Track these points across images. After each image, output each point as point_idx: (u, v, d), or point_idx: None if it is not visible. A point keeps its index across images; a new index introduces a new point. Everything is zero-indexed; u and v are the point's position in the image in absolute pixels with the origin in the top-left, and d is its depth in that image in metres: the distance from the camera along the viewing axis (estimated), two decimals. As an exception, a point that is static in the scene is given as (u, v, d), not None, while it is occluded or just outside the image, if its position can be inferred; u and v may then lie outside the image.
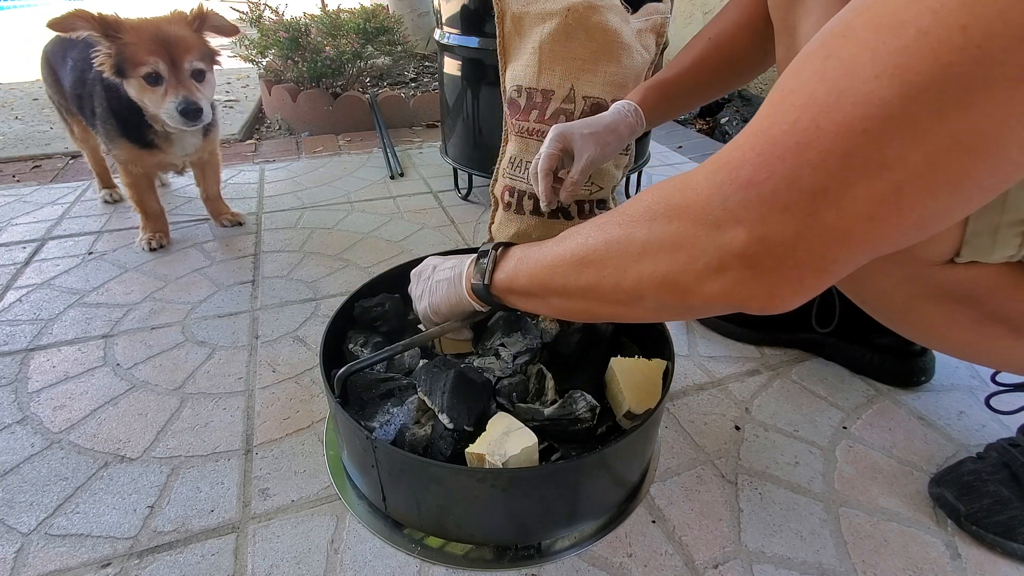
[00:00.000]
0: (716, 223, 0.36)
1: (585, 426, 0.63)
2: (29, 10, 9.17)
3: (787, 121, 0.32)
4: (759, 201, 0.34)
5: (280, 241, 1.29)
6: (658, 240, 0.40)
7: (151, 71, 1.01)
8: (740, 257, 0.35)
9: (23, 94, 2.83)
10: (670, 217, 0.40)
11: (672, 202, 0.40)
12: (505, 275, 0.57)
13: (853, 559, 0.61)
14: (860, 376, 0.87)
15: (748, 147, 0.34)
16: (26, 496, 0.68)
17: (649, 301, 0.43)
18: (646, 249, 0.41)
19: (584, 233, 0.48)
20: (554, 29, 0.97)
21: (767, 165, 0.33)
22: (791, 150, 0.32)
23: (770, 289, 0.36)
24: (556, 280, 0.50)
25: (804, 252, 0.34)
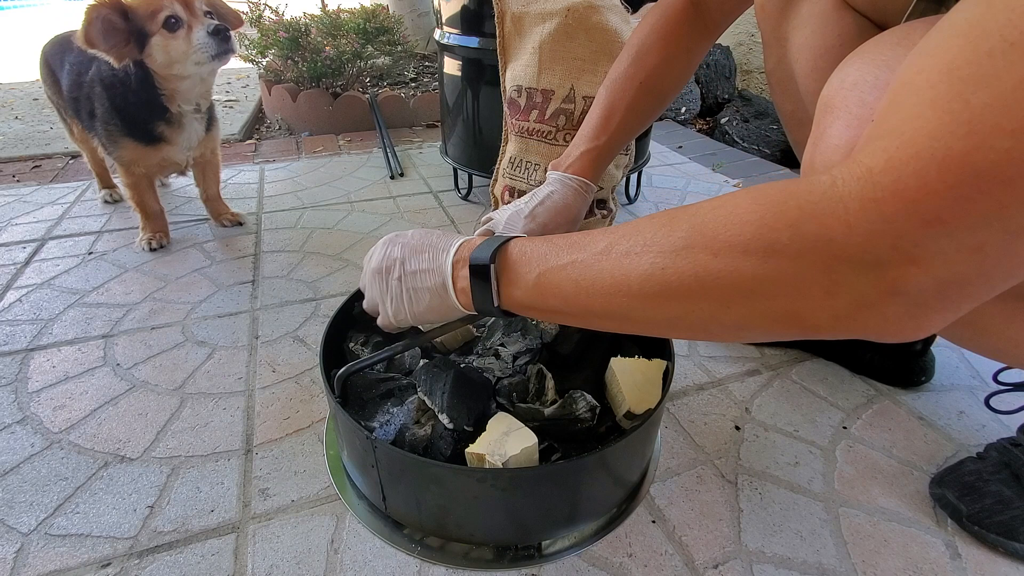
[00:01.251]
0: (877, 262, 0.30)
1: (585, 426, 0.63)
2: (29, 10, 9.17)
3: (995, 149, 0.26)
4: (949, 241, 0.28)
5: (280, 241, 1.29)
6: (781, 276, 0.34)
7: (169, 14, 1.02)
8: (901, 296, 0.31)
9: (23, 94, 2.83)
10: (802, 252, 0.32)
11: (803, 231, 0.32)
12: (523, 293, 0.47)
13: (853, 559, 0.61)
14: (860, 376, 0.87)
15: (932, 175, 0.28)
16: (26, 496, 0.68)
17: (755, 333, 0.37)
18: (761, 288, 0.34)
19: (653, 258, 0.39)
20: (554, 29, 0.97)
21: (966, 200, 0.27)
22: (1002, 185, 0.26)
23: (920, 323, 0.32)
24: (613, 309, 0.42)
25: (981, 288, 0.30)
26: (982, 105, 0.27)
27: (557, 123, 1.00)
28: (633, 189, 1.50)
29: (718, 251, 0.35)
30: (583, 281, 0.43)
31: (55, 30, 1.35)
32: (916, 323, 0.32)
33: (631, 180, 1.50)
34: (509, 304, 0.49)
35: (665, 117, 2.23)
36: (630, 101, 0.73)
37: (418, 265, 0.54)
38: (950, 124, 0.28)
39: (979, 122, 0.27)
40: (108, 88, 1.09)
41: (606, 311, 0.42)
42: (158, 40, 1.03)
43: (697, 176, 1.66)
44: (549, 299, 0.46)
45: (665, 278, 0.38)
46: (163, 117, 1.12)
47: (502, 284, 0.48)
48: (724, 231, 0.35)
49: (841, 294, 0.32)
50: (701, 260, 0.36)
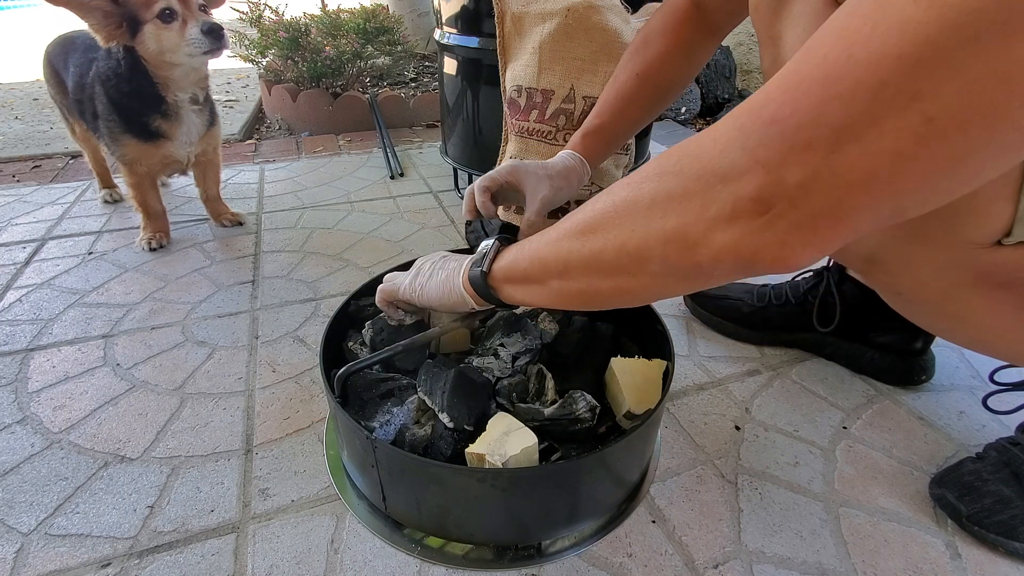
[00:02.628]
0: (732, 167, 0.34)
1: (585, 426, 0.63)
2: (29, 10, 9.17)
3: (817, 56, 0.31)
4: (780, 138, 0.32)
5: (280, 241, 1.29)
6: (667, 192, 0.38)
7: (164, 6, 1.02)
8: (753, 201, 0.34)
9: (23, 94, 2.83)
10: (682, 168, 0.38)
11: (686, 152, 0.38)
12: (505, 263, 0.55)
13: (853, 559, 0.61)
14: (860, 376, 0.87)
15: (774, 87, 0.33)
16: (26, 496, 0.68)
17: (655, 263, 0.40)
18: (654, 203, 0.39)
19: (592, 201, 0.45)
20: (554, 29, 0.97)
21: (792, 101, 0.31)
22: (818, 83, 0.30)
23: (781, 239, 0.34)
24: (559, 255, 0.47)
25: (821, 196, 0.32)
26: (820, 34, 0.32)
27: (557, 123, 1.00)
28: (633, 189, 1.50)
29: (629, 182, 0.42)
30: (546, 237, 0.50)
31: (55, 30, 1.35)
32: (779, 238, 0.34)
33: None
34: (493, 277, 0.56)
35: (665, 117, 2.23)
36: (627, 90, 0.76)
37: (452, 256, 0.64)
38: (798, 53, 0.33)
39: (812, 45, 0.32)
40: (104, 83, 1.09)
41: (555, 260, 0.48)
42: (151, 28, 1.03)
43: (697, 176, 1.66)
44: (520, 262, 0.53)
45: (593, 211, 0.44)
46: (159, 109, 1.12)
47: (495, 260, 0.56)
48: (643, 168, 0.42)
49: (711, 205, 0.36)
50: (616, 191, 0.43)
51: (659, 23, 0.76)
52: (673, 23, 0.74)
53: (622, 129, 0.80)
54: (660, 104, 0.80)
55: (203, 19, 1.05)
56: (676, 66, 0.76)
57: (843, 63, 0.29)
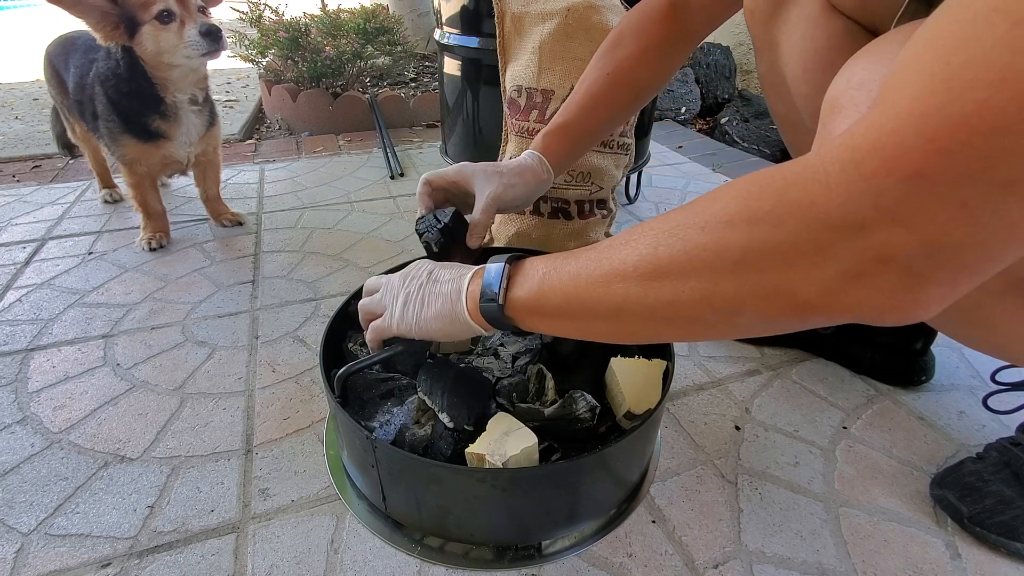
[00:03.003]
0: (860, 223, 0.30)
1: (585, 426, 0.63)
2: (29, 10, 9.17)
3: (973, 100, 0.26)
4: (930, 197, 0.28)
5: (280, 241, 1.29)
6: (766, 245, 0.33)
7: (163, 8, 1.02)
8: (890, 261, 0.30)
9: (23, 94, 2.83)
10: (784, 218, 0.32)
11: (787, 198, 0.32)
12: (527, 293, 0.48)
13: (853, 559, 0.61)
14: (860, 376, 0.87)
15: (910, 131, 0.28)
16: (26, 496, 0.68)
17: (747, 316, 0.36)
18: (748, 256, 0.34)
19: (648, 241, 0.39)
20: (554, 29, 0.97)
21: (945, 153, 0.27)
22: (982, 136, 0.26)
23: (916, 296, 0.30)
24: (610, 299, 0.41)
25: (973, 253, 0.28)
26: (961, 63, 0.27)
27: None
28: (633, 189, 1.50)
29: (704, 225, 0.36)
30: (583, 272, 0.43)
31: (55, 30, 1.35)
32: (913, 296, 0.31)
33: (631, 180, 1.50)
34: (512, 307, 0.49)
35: (665, 117, 2.23)
36: (596, 89, 0.74)
37: (442, 276, 0.56)
38: (929, 83, 0.28)
39: (957, 78, 0.27)
40: (104, 83, 1.09)
41: (604, 302, 0.42)
42: (149, 29, 1.03)
43: (697, 176, 1.66)
44: (550, 297, 0.46)
45: (658, 256, 0.38)
46: (158, 110, 1.12)
47: (509, 286, 0.49)
48: (712, 207, 0.36)
49: (828, 262, 0.31)
50: (690, 235, 0.37)
51: (634, 22, 0.73)
52: (648, 22, 0.72)
53: (591, 129, 0.77)
54: (632, 105, 0.78)
55: (201, 20, 1.05)
56: (650, 67, 0.74)
57: (1014, 113, 0.25)
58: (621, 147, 1.06)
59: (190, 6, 1.05)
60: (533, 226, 1.09)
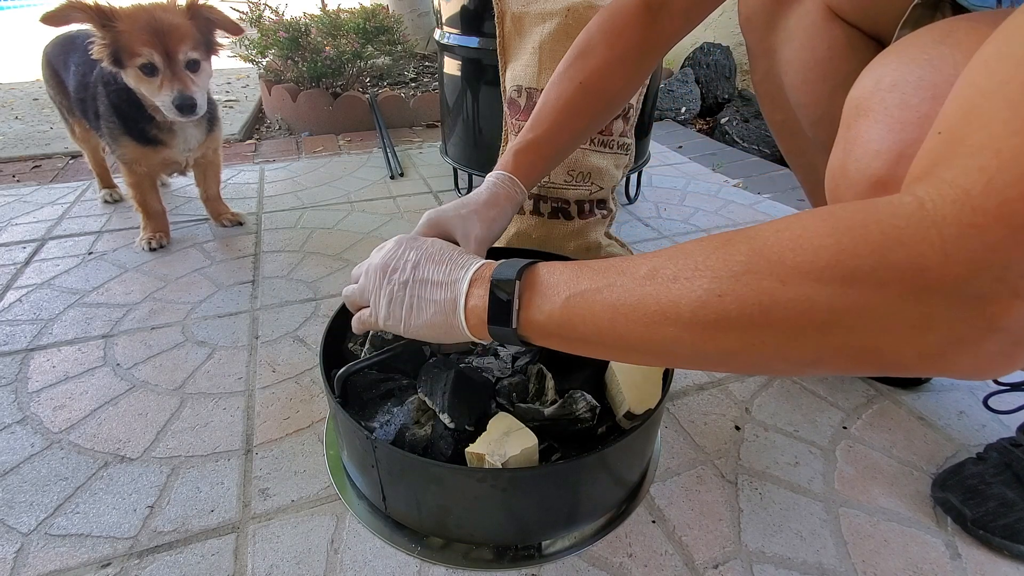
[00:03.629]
0: (978, 296, 0.27)
1: (585, 426, 0.63)
2: (29, 10, 9.17)
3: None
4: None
5: (280, 241, 1.29)
6: (863, 309, 0.30)
7: (146, 62, 1.01)
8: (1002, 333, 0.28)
9: (23, 94, 2.83)
10: (887, 281, 0.29)
11: (890, 259, 0.29)
12: (546, 317, 0.42)
13: (853, 559, 0.61)
14: (860, 376, 0.87)
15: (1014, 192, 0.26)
16: (26, 496, 0.68)
17: (825, 368, 0.33)
18: (838, 320, 0.30)
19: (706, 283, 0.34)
20: (554, 29, 0.97)
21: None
22: None
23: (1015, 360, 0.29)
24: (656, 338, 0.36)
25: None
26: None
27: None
28: (633, 189, 1.50)
29: (787, 278, 0.31)
30: (622, 307, 0.38)
31: (55, 30, 1.35)
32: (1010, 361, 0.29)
33: (631, 180, 1.50)
34: (528, 329, 0.44)
35: (665, 117, 2.23)
36: (567, 100, 0.69)
37: (431, 275, 0.49)
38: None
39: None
40: (107, 86, 1.10)
41: (647, 343, 0.37)
42: (132, 72, 1.03)
43: (697, 176, 1.66)
44: (578, 326, 0.41)
45: (723, 306, 0.33)
46: (154, 121, 1.12)
47: (523, 306, 0.43)
48: (792, 255, 0.31)
49: (933, 330, 0.29)
50: (766, 286, 0.32)
51: (605, 26, 0.69)
52: (621, 26, 0.68)
53: (563, 142, 0.71)
54: (605, 114, 0.74)
55: (178, 91, 1.02)
56: (624, 75, 0.69)
57: None
58: (621, 147, 1.06)
59: (176, 66, 1.02)
60: (533, 226, 1.09)
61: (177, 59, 1.03)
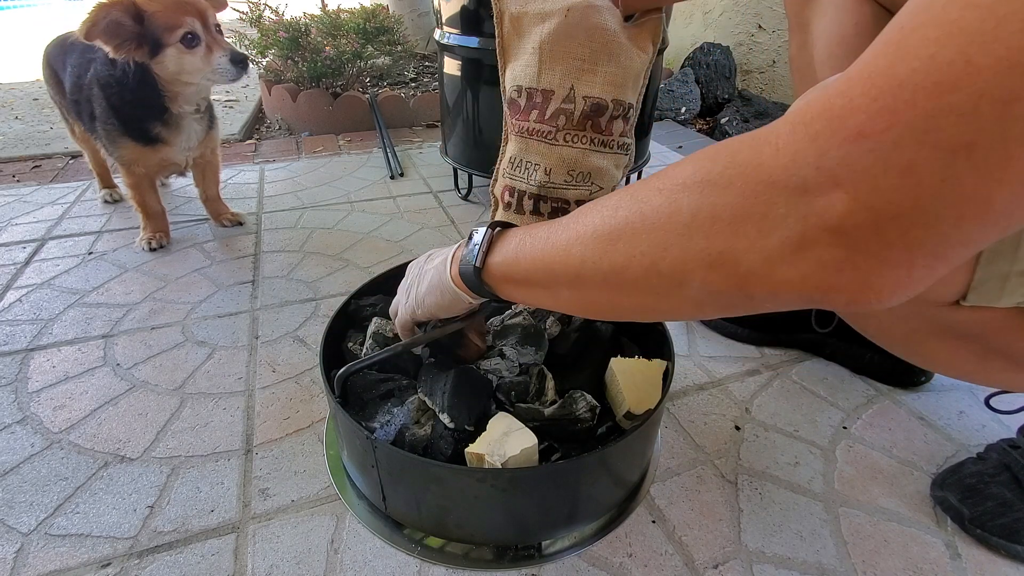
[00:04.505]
0: (803, 186, 0.28)
1: (585, 426, 0.63)
2: (29, 10, 9.17)
3: (918, 57, 0.24)
4: (871, 158, 0.26)
5: (280, 241, 1.29)
6: (714, 207, 0.32)
7: (188, 31, 1.03)
8: (834, 231, 0.28)
9: (23, 94, 2.82)
10: (733, 180, 0.31)
11: (737, 159, 0.31)
12: (502, 258, 0.48)
13: (853, 559, 0.61)
14: (860, 376, 0.87)
15: (857, 91, 0.26)
16: (26, 496, 0.68)
17: (694, 288, 0.34)
18: (697, 219, 0.33)
19: (611, 204, 0.39)
20: (554, 29, 0.97)
21: (888, 112, 0.25)
22: (926, 92, 0.24)
23: (866, 276, 0.28)
24: (570, 263, 0.41)
25: (924, 228, 0.26)
26: (914, 25, 0.25)
27: (557, 123, 1.00)
28: (633, 189, 1.50)
29: (662, 188, 0.35)
30: (551, 238, 0.44)
31: (55, 30, 1.35)
32: (862, 277, 0.28)
33: (631, 180, 1.50)
34: (489, 272, 0.50)
35: (665, 117, 2.23)
36: None
37: (437, 253, 0.59)
38: (882, 48, 0.26)
39: (907, 39, 0.25)
40: (104, 88, 1.09)
41: (564, 267, 0.42)
42: (173, 52, 1.04)
43: (697, 176, 1.66)
44: (521, 262, 0.46)
45: (615, 218, 0.38)
46: (161, 118, 1.12)
47: (489, 251, 0.50)
48: (672, 170, 0.36)
49: (773, 230, 0.30)
50: (647, 197, 0.36)
51: None
52: None
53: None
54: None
55: (228, 49, 1.06)
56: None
57: (959, 67, 0.23)
58: (621, 147, 1.06)
59: (212, 28, 1.06)
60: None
61: (211, 25, 1.06)
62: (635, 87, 1.00)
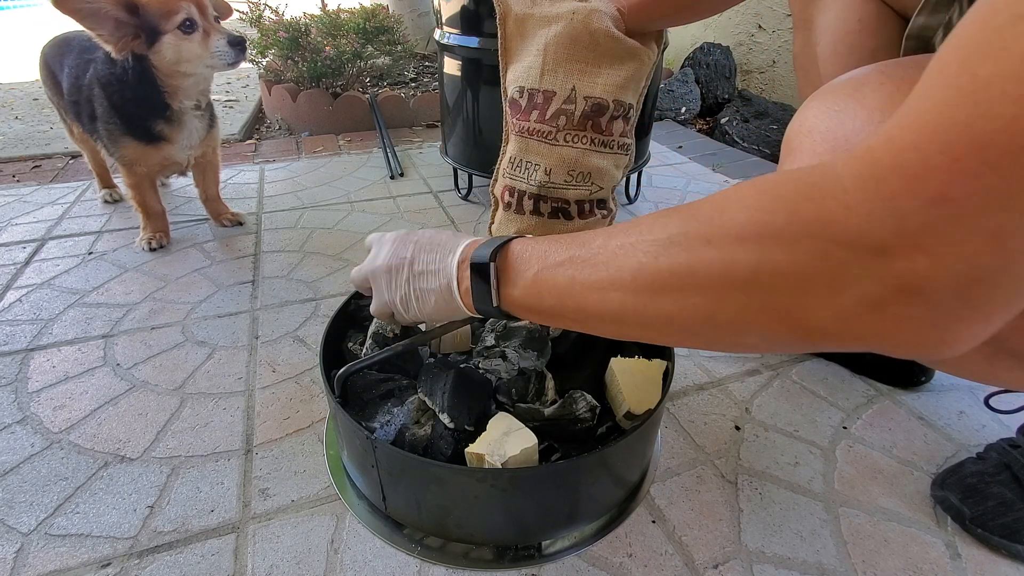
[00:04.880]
0: (880, 248, 0.27)
1: (585, 426, 0.63)
2: (29, 10, 9.17)
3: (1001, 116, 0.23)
4: (957, 224, 0.25)
5: (280, 241, 1.29)
6: (777, 264, 0.30)
7: (185, 17, 1.03)
8: (914, 292, 0.27)
9: (23, 94, 2.82)
10: (798, 237, 0.30)
11: (801, 214, 0.30)
12: (521, 292, 0.46)
13: (853, 559, 0.61)
14: (860, 376, 0.87)
15: (932, 148, 0.25)
16: (26, 496, 0.68)
17: (753, 336, 0.34)
18: (759, 276, 0.31)
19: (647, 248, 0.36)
20: (560, 32, 0.97)
21: (972, 176, 0.24)
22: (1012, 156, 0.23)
23: (943, 333, 0.28)
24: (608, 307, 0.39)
25: (1006, 290, 0.26)
26: (988, 75, 0.24)
27: (557, 123, 1.00)
28: (633, 189, 1.50)
29: (711, 238, 0.33)
30: (579, 276, 0.41)
31: (55, 30, 1.35)
32: (940, 334, 0.28)
33: (631, 180, 1.50)
34: (508, 304, 0.47)
35: (665, 117, 2.23)
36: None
37: (425, 266, 0.53)
38: (954, 95, 0.25)
39: (983, 91, 0.24)
40: (106, 87, 1.09)
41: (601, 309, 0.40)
42: (170, 39, 1.03)
43: (697, 176, 1.66)
44: (545, 297, 0.44)
45: (658, 268, 0.36)
46: (163, 115, 1.12)
47: (502, 283, 0.47)
48: (720, 217, 0.33)
49: (846, 289, 0.29)
50: (694, 248, 0.34)
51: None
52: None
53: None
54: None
55: (227, 32, 1.06)
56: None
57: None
58: (621, 147, 1.06)
59: (208, 14, 1.06)
60: (533, 226, 1.09)
61: (208, 12, 1.06)
62: (636, 88, 1.00)
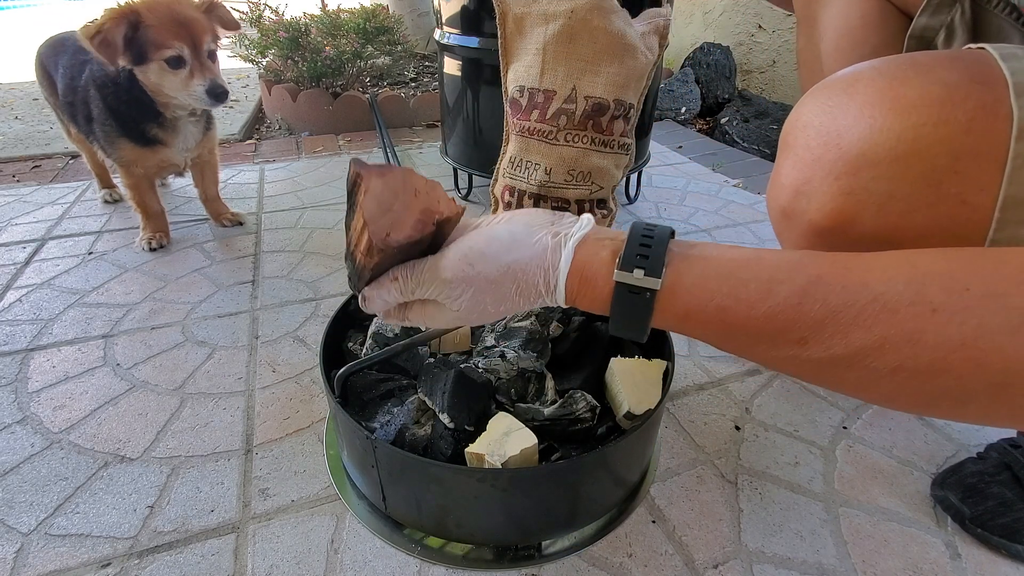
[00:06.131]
0: None
1: (585, 426, 0.63)
2: (29, 10, 9.17)
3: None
4: None
5: (280, 241, 1.29)
6: None
7: (175, 55, 1.02)
8: None
9: (23, 94, 2.82)
10: None
11: None
12: (690, 295, 0.36)
13: (853, 559, 0.61)
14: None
15: None
16: (26, 496, 0.68)
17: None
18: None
19: (974, 322, 0.29)
20: (558, 30, 0.97)
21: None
22: None
23: None
24: (848, 379, 0.32)
25: None
26: None
27: (558, 123, 1.00)
28: (633, 189, 1.50)
29: (1016, 328, 0.28)
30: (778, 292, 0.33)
31: (55, 30, 1.35)
32: None
33: (631, 180, 1.50)
34: (669, 304, 0.37)
35: (665, 117, 2.23)
36: None
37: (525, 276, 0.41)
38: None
39: None
40: (101, 89, 1.09)
41: (833, 384, 0.34)
42: (154, 68, 1.04)
43: (697, 176, 1.66)
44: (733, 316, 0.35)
45: (986, 359, 0.29)
46: (157, 120, 1.12)
47: (658, 306, 0.37)
48: (1002, 268, 0.29)
49: None
50: (998, 341, 0.28)
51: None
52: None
53: None
54: None
55: (210, 79, 1.05)
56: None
57: None
58: (621, 147, 1.06)
59: (202, 54, 1.05)
60: (533, 226, 1.09)
61: (202, 50, 1.05)
62: (637, 88, 1.00)
